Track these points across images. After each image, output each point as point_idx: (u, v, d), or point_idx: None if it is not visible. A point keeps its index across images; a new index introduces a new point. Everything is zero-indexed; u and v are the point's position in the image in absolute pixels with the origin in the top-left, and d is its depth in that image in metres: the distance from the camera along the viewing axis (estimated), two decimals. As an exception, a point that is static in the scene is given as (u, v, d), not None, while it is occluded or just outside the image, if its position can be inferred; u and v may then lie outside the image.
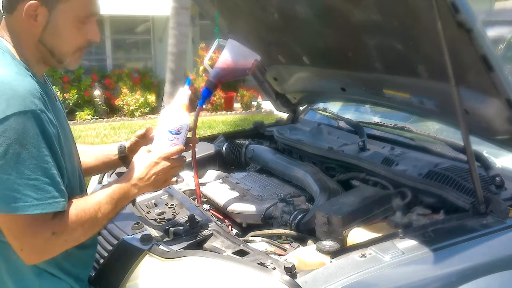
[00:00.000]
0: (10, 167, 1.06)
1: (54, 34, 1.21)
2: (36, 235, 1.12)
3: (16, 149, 1.06)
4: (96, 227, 1.26)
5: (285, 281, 1.15)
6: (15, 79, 1.12)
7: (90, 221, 1.21)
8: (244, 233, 1.77)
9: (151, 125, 1.66)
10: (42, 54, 1.24)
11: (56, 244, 1.16)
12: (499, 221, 1.44)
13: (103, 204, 1.25)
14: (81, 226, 1.19)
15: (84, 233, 1.21)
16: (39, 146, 1.10)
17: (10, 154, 1.06)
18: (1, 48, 1.19)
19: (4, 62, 1.16)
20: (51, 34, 1.21)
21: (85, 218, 1.19)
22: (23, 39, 1.21)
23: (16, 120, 1.06)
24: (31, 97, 1.11)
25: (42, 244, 1.13)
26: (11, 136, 1.06)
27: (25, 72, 1.17)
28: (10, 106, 1.07)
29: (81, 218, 1.18)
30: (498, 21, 2.31)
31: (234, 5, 2.21)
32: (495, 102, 1.44)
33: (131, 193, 1.33)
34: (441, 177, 1.67)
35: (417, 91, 1.79)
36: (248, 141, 2.51)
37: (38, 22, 1.18)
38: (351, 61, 1.95)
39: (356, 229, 1.50)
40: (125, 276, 1.39)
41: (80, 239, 1.22)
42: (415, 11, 1.40)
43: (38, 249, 1.14)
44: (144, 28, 11.30)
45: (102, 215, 1.24)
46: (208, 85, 1.88)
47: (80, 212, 1.19)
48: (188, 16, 6.87)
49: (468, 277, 1.30)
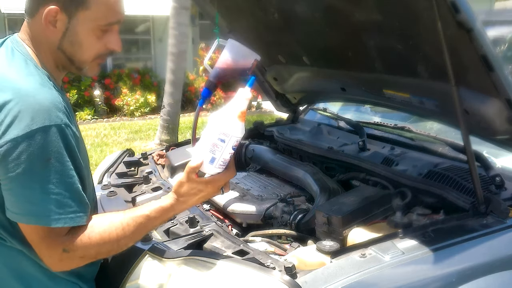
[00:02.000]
0: (34, 181, 1.07)
1: (74, 41, 1.18)
2: (50, 248, 1.12)
3: (41, 164, 1.06)
4: (118, 248, 1.20)
5: (285, 281, 1.15)
6: (40, 92, 1.10)
7: (109, 243, 1.17)
8: (244, 233, 1.77)
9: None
10: (61, 61, 1.23)
11: (72, 260, 1.14)
12: (499, 221, 1.44)
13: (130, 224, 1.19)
14: (96, 246, 1.15)
15: (99, 251, 1.17)
16: (63, 160, 1.09)
17: (34, 168, 1.06)
18: (23, 55, 1.17)
19: (27, 71, 1.14)
20: (70, 42, 1.18)
21: (101, 239, 1.15)
22: (43, 45, 1.20)
23: (41, 134, 1.06)
24: (56, 110, 1.09)
25: (58, 257, 1.13)
26: (35, 151, 1.05)
27: (48, 83, 1.15)
28: (35, 120, 1.06)
29: (96, 239, 1.15)
30: (498, 21, 2.31)
31: (234, 5, 2.21)
32: (495, 102, 1.44)
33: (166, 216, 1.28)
34: (441, 177, 1.67)
35: (417, 91, 1.79)
36: (248, 141, 2.51)
37: (58, 28, 1.16)
38: (351, 61, 1.95)
39: (356, 229, 1.50)
40: (125, 276, 1.39)
41: (99, 256, 1.20)
42: (415, 11, 1.40)
43: (56, 261, 1.14)
44: (144, 28, 11.30)
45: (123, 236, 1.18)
46: (208, 85, 1.88)
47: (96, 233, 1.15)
48: (188, 16, 6.85)
49: (468, 277, 1.30)
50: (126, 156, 2.40)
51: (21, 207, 1.09)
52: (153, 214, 1.23)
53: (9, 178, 1.07)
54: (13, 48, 1.19)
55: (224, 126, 1.23)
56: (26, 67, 1.15)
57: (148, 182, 2.09)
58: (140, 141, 7.41)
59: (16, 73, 1.13)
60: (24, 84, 1.10)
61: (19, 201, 1.09)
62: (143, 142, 7.38)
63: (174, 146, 2.55)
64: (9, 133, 1.05)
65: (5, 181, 1.08)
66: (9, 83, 1.10)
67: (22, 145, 1.05)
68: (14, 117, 1.05)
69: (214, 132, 1.23)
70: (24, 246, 1.16)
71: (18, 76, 1.12)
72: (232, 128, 1.23)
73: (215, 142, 1.23)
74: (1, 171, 1.07)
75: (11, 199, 1.09)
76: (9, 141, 1.05)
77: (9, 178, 1.07)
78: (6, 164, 1.06)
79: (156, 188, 2.00)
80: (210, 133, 1.24)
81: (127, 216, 1.20)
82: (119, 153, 2.42)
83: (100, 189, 1.98)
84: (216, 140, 1.23)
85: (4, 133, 1.05)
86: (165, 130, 6.82)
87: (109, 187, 2.00)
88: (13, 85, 1.09)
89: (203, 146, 1.25)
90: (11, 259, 1.18)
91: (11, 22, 9.56)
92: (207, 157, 1.24)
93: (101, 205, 1.79)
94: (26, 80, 1.11)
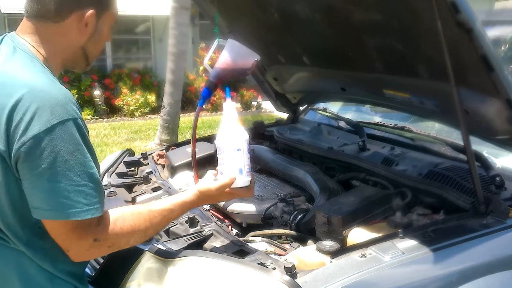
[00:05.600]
0: (60, 175, 1.08)
1: (97, 40, 1.27)
2: (81, 239, 1.14)
3: (64, 157, 1.08)
4: (144, 237, 1.27)
5: (285, 281, 1.15)
6: (54, 87, 1.12)
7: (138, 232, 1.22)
8: (244, 233, 1.77)
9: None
10: (76, 59, 1.28)
11: (100, 249, 1.18)
12: (499, 221, 1.44)
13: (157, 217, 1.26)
14: (126, 236, 1.20)
15: (128, 241, 1.22)
16: (84, 152, 1.12)
17: (59, 162, 1.08)
18: (29, 54, 1.18)
19: (36, 69, 1.15)
20: (94, 41, 1.26)
21: (132, 228, 1.20)
22: (61, 46, 1.22)
23: (62, 128, 1.08)
24: (72, 104, 1.12)
25: (87, 247, 1.15)
26: (58, 144, 1.07)
27: (56, 79, 1.18)
28: (55, 115, 1.08)
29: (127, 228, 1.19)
30: (498, 21, 2.31)
31: (234, 5, 2.21)
32: (495, 102, 1.44)
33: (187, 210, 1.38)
34: (441, 177, 1.67)
35: (417, 91, 1.79)
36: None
37: (88, 29, 1.22)
38: (351, 61, 1.95)
39: (356, 229, 1.50)
40: (125, 276, 1.39)
41: (125, 246, 1.23)
42: (415, 11, 1.40)
43: (84, 250, 1.16)
44: (144, 28, 11.30)
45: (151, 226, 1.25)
46: (208, 85, 1.88)
47: (123, 222, 1.19)
48: (188, 16, 6.84)
49: (468, 277, 1.30)
50: (126, 156, 2.40)
51: (51, 203, 1.09)
52: (176, 208, 1.32)
53: (35, 175, 1.07)
54: (15, 47, 1.19)
55: (233, 139, 1.37)
56: (33, 65, 1.16)
57: (148, 182, 2.09)
58: (140, 141, 7.41)
59: (26, 71, 1.14)
60: (37, 81, 1.11)
61: (48, 196, 1.09)
62: (143, 142, 7.37)
63: (174, 146, 2.55)
64: (31, 130, 1.06)
65: (31, 178, 1.09)
66: (21, 80, 1.11)
67: (45, 141, 1.06)
68: (34, 113, 1.06)
69: (228, 148, 1.37)
70: (28, 247, 1.16)
71: (28, 74, 1.13)
72: (239, 136, 1.38)
73: (233, 155, 1.37)
74: (25, 169, 1.08)
75: (39, 195, 1.09)
76: (32, 138, 1.06)
77: (35, 175, 1.08)
78: (31, 161, 1.07)
79: (156, 188, 2.00)
80: (226, 152, 1.38)
81: (153, 208, 1.27)
82: (119, 153, 2.42)
83: (100, 189, 1.97)
84: (233, 153, 1.37)
85: (26, 130, 1.06)
86: (165, 130, 6.82)
87: (109, 187, 2.00)
88: (26, 82, 1.10)
89: (226, 166, 1.38)
90: (13, 260, 1.18)
91: (11, 22, 9.55)
92: (235, 171, 1.37)
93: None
94: (37, 77, 1.13)
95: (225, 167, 1.38)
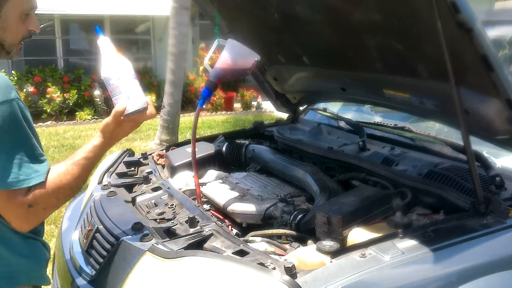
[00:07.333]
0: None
1: (5, 27, 1.34)
2: (17, 207, 1.26)
3: (3, 133, 1.21)
4: (71, 190, 1.36)
5: (285, 281, 1.15)
6: None
7: (63, 188, 1.32)
8: (244, 233, 1.77)
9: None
10: None
11: (37, 213, 1.29)
12: (499, 221, 1.44)
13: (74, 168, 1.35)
14: (53, 194, 1.30)
15: (58, 199, 1.32)
16: (22, 128, 1.25)
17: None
18: None
19: None
20: (2, 28, 1.33)
21: (56, 186, 1.30)
22: None
23: (3, 107, 1.21)
24: (11, 88, 1.25)
25: (25, 215, 1.27)
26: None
27: None
28: None
29: (52, 188, 1.30)
30: (498, 21, 2.31)
31: (234, 5, 2.21)
32: (495, 102, 1.44)
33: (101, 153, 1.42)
34: (441, 177, 1.67)
35: (417, 91, 1.79)
36: (248, 141, 2.51)
37: None
38: (351, 61, 1.95)
39: (356, 229, 1.50)
40: (125, 276, 1.39)
41: (58, 204, 1.34)
42: (415, 11, 1.40)
43: (24, 219, 1.28)
44: (144, 28, 11.30)
45: (73, 179, 1.34)
46: (208, 85, 1.89)
47: (50, 184, 1.30)
48: (188, 16, 6.84)
49: (468, 277, 1.30)
50: (126, 156, 2.40)
51: None
52: (90, 154, 1.38)
53: None
54: None
55: (113, 69, 1.41)
56: None
57: (148, 182, 2.09)
58: (140, 141, 7.41)
59: None
60: None
61: None
62: (143, 142, 7.37)
63: (174, 146, 2.55)
64: None
65: None
66: None
67: None
68: None
69: (110, 82, 1.41)
70: None
71: None
72: (117, 65, 1.42)
73: (117, 84, 1.41)
74: None
75: None
76: None
77: None
78: None
79: (156, 188, 2.00)
80: (112, 83, 1.42)
81: (69, 162, 1.36)
82: (119, 153, 2.42)
83: (100, 189, 1.98)
84: (117, 82, 1.41)
85: None
86: (165, 130, 6.82)
87: (109, 187, 2.00)
88: None
89: (116, 96, 1.42)
90: None
91: None
92: (124, 98, 1.40)
93: (101, 205, 1.79)
94: None
95: (116, 98, 1.42)
